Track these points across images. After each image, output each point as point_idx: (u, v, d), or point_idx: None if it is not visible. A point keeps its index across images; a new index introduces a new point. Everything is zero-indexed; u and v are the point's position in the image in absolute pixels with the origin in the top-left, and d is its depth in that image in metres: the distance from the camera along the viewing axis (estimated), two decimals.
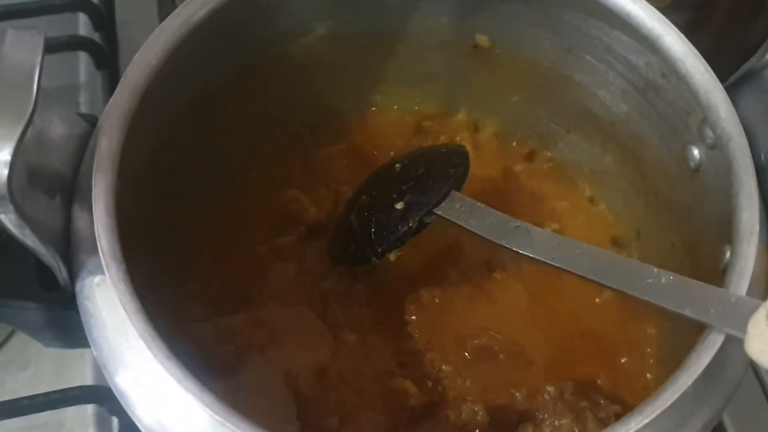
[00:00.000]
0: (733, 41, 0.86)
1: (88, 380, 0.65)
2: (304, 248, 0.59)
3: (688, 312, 0.40)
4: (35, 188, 0.42)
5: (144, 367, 0.40)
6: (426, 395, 0.53)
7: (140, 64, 0.45)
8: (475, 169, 0.63)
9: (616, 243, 0.60)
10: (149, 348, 0.38)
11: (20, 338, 0.69)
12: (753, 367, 0.61)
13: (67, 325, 0.45)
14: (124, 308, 0.39)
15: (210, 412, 0.37)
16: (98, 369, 0.65)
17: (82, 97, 0.78)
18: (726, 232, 0.45)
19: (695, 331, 0.42)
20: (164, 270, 0.56)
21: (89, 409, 0.64)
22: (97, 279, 0.42)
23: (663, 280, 0.42)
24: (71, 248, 0.44)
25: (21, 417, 0.58)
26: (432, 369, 0.55)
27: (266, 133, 0.62)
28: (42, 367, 0.68)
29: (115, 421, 0.61)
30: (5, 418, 0.56)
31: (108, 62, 0.79)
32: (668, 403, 0.37)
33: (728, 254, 0.44)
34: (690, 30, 0.73)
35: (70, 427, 0.64)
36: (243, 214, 0.60)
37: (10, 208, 0.37)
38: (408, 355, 0.56)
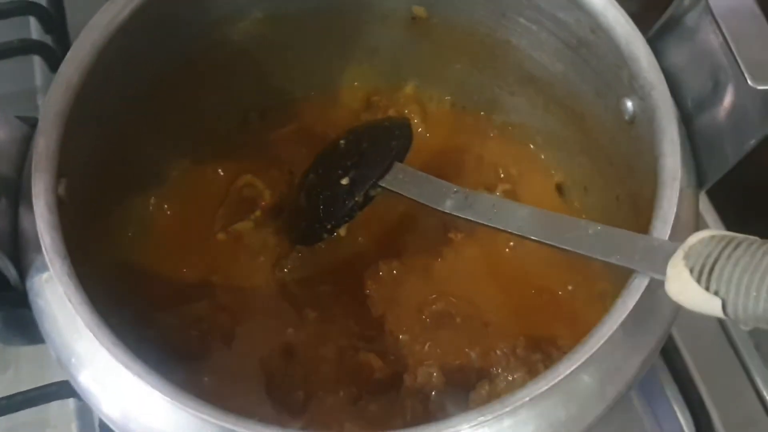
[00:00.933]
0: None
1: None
2: (262, 231, 0.60)
3: (614, 260, 0.41)
4: None
5: (96, 357, 0.41)
6: (389, 366, 0.54)
7: (72, 63, 0.46)
8: (427, 140, 0.65)
9: (564, 199, 0.62)
10: (95, 336, 0.39)
11: None
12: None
13: (23, 322, 0.46)
14: (69, 300, 0.40)
15: (161, 394, 0.38)
16: None
17: (41, 100, 0.79)
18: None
19: None
20: (124, 262, 0.57)
21: (71, 404, 0.66)
22: (45, 276, 0.43)
23: (590, 231, 0.43)
24: (19, 248, 0.45)
25: (3, 417, 0.59)
26: (392, 339, 0.56)
27: (214, 121, 0.63)
28: (21, 367, 0.69)
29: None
30: None
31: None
32: (597, 346, 0.38)
33: None
34: None
35: (54, 423, 0.65)
36: (199, 202, 0.61)
37: None
38: (370, 327, 0.57)
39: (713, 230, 0.37)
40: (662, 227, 0.41)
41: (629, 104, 0.51)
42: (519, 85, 0.62)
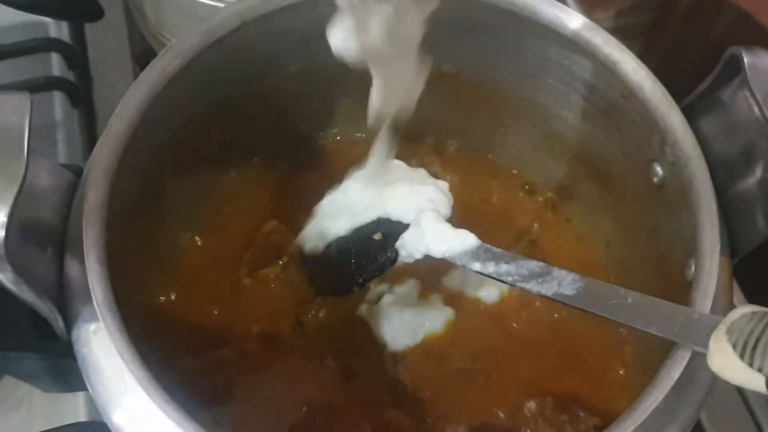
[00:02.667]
0: (693, 41, 0.89)
1: (81, 417, 0.67)
2: (288, 278, 0.61)
3: (653, 330, 0.42)
4: (28, 242, 0.43)
5: (141, 409, 0.41)
6: (416, 424, 0.54)
7: (122, 117, 0.47)
8: None
9: (587, 255, 0.63)
10: (148, 394, 0.40)
11: (11, 379, 0.70)
12: None
13: (64, 371, 0.47)
14: (122, 356, 0.40)
15: None
16: (91, 406, 0.67)
17: (60, 135, 0.79)
18: (690, 246, 0.47)
19: (667, 344, 0.44)
20: (151, 309, 0.57)
21: None
22: (92, 327, 0.44)
23: (630, 300, 0.44)
24: (65, 298, 0.45)
25: None
26: (417, 396, 0.56)
27: (242, 167, 0.63)
28: (35, 405, 0.69)
29: None
30: None
31: (83, 100, 0.80)
32: (642, 419, 0.39)
33: (694, 267, 0.47)
34: (651, 30, 0.76)
35: None
36: (225, 247, 0.62)
37: (8, 267, 0.39)
38: (394, 383, 0.58)
39: (754, 306, 0.39)
40: (703, 301, 0.42)
41: (659, 169, 0.53)
42: (543, 142, 0.63)
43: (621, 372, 0.57)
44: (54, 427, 0.62)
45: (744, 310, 0.39)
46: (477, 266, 0.50)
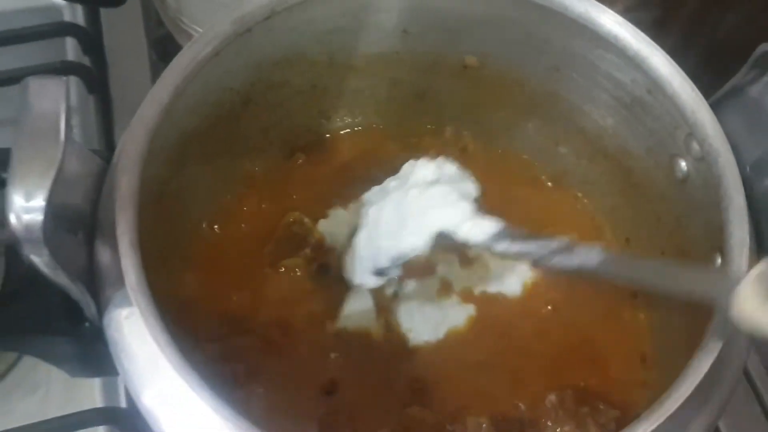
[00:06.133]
0: (701, 38, 0.90)
1: (98, 402, 0.67)
2: (311, 268, 0.61)
3: (681, 287, 0.44)
4: (60, 227, 0.43)
5: (172, 391, 0.42)
6: (435, 414, 0.55)
7: (152, 104, 0.47)
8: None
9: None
10: (183, 377, 0.40)
11: (28, 362, 0.71)
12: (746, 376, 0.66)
13: (92, 355, 0.47)
14: (156, 341, 0.41)
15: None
16: (107, 391, 0.67)
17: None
18: (715, 240, 0.48)
19: (687, 338, 0.45)
20: (174, 294, 0.58)
21: (100, 430, 0.66)
22: (125, 312, 0.44)
23: (654, 266, 0.46)
24: (96, 283, 0.45)
25: None
26: (438, 387, 0.57)
27: (265, 157, 0.64)
28: (51, 390, 0.70)
29: None
30: None
31: (98, 85, 0.80)
32: (673, 409, 0.39)
33: (719, 261, 0.47)
34: (658, 26, 0.76)
35: None
36: (247, 236, 0.62)
37: (45, 251, 0.39)
38: (415, 377, 0.58)
39: None
40: None
41: (683, 164, 0.53)
42: (565, 136, 0.63)
43: (640, 365, 0.57)
44: (74, 412, 0.63)
45: None
46: (502, 247, 0.51)
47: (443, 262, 0.60)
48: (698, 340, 0.43)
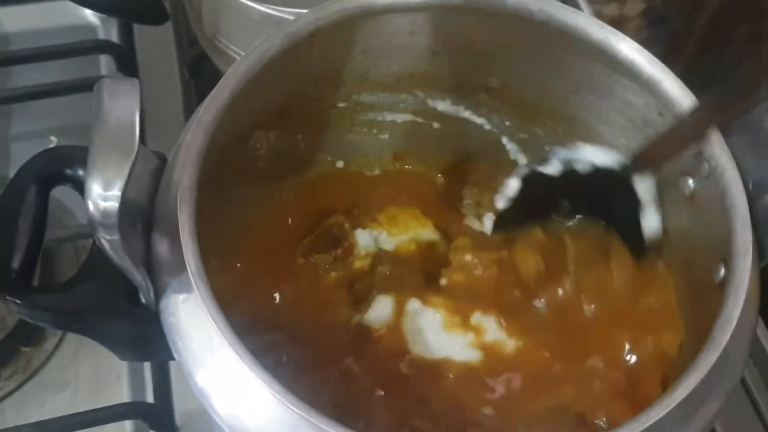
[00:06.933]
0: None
1: (125, 399, 0.71)
2: (337, 267, 0.65)
3: None
4: (125, 217, 0.47)
5: (227, 371, 0.46)
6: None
7: (212, 108, 0.51)
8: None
9: None
10: (240, 357, 0.44)
11: (57, 361, 0.73)
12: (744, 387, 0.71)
13: (145, 339, 0.51)
14: (215, 323, 0.44)
15: (295, 410, 0.43)
16: (134, 388, 0.71)
17: None
18: (719, 252, 0.52)
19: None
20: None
21: (127, 426, 0.69)
22: (181, 297, 0.48)
23: None
24: (154, 270, 0.49)
25: None
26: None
27: (311, 163, 0.68)
28: (80, 387, 0.72)
29: None
30: None
31: None
32: (687, 393, 0.44)
33: (723, 271, 0.51)
34: (673, 38, 0.80)
35: None
36: (288, 231, 0.66)
37: (117, 237, 0.43)
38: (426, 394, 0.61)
39: None
40: (737, 296, 0.47)
41: (690, 182, 0.57)
42: None
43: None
44: (106, 405, 0.66)
45: None
46: None
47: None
48: None
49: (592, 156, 0.61)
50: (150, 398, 0.70)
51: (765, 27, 0.75)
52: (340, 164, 0.70)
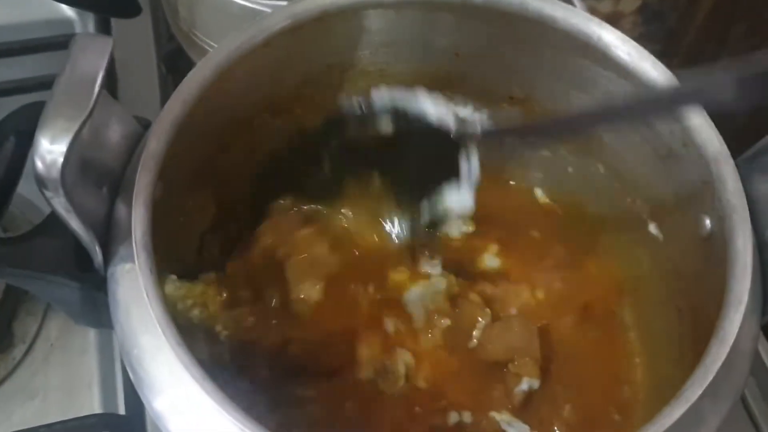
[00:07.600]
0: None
1: (96, 409, 0.68)
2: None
3: None
4: (86, 178, 0.46)
5: (158, 352, 0.44)
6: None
7: (192, 80, 0.50)
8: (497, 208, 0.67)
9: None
10: (163, 332, 0.41)
11: (27, 368, 0.70)
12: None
13: (96, 305, 0.49)
14: (146, 293, 0.42)
15: (212, 400, 0.40)
16: (106, 398, 0.68)
17: None
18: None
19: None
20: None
21: None
22: (127, 266, 0.46)
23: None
24: (109, 236, 0.48)
25: None
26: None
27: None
28: (49, 396, 0.69)
29: None
30: None
31: None
32: (695, 398, 0.41)
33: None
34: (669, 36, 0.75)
35: None
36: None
37: (61, 192, 0.42)
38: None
39: None
40: (719, 348, 0.42)
41: (707, 222, 0.52)
42: (603, 180, 0.63)
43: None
44: (75, 417, 0.64)
45: None
46: None
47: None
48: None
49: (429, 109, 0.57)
50: (122, 407, 0.67)
51: (761, 23, 0.69)
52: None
